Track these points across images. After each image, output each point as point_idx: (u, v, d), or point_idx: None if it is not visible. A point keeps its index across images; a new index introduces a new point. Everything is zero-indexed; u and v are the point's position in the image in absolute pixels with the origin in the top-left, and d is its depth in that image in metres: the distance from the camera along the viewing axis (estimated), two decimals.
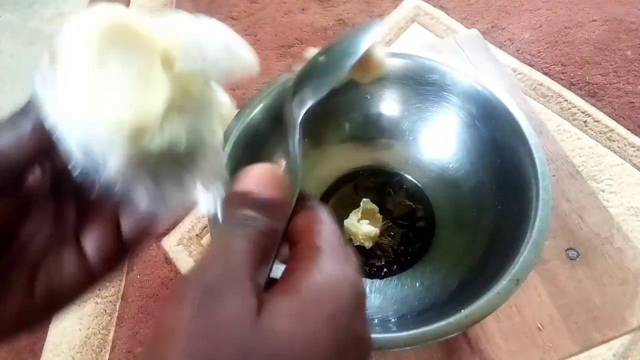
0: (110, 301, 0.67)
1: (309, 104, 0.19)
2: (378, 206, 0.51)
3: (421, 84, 0.50)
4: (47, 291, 0.17)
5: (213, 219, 0.39)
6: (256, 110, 0.47)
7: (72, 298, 0.18)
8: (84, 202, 0.18)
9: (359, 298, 0.16)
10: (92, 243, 0.18)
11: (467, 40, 0.64)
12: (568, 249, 0.48)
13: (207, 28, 0.16)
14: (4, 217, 0.16)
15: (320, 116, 0.53)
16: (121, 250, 0.19)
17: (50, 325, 0.65)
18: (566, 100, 0.83)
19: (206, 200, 0.18)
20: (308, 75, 0.21)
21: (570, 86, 0.84)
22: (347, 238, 0.50)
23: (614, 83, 0.84)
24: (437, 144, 0.53)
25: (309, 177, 0.54)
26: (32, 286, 0.17)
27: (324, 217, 0.18)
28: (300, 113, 0.19)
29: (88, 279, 0.18)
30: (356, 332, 0.15)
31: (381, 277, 0.48)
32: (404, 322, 0.41)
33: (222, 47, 0.16)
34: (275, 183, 0.17)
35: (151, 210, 0.17)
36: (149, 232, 0.20)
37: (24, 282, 0.17)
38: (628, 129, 0.78)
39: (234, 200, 0.17)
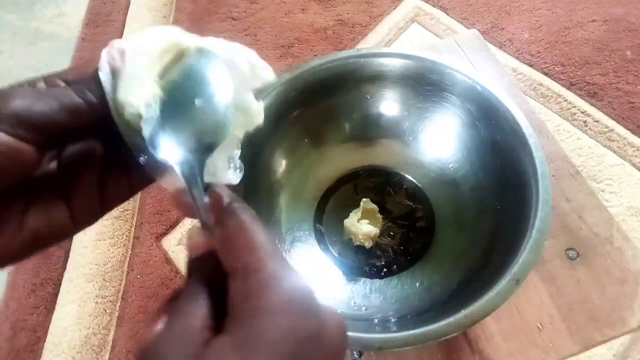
0: (110, 301, 0.67)
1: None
2: (378, 206, 0.51)
3: (421, 84, 0.50)
4: (33, 230, 0.19)
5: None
6: None
7: (54, 240, 0.20)
8: (74, 164, 0.21)
9: (304, 308, 0.16)
10: (77, 199, 0.20)
11: (467, 40, 0.64)
12: (568, 249, 0.48)
13: (236, 47, 0.20)
14: (33, 165, 0.18)
15: (321, 116, 0.53)
16: (102, 208, 0.21)
17: (50, 325, 0.65)
18: (566, 100, 0.83)
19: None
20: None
21: (570, 86, 0.84)
22: (347, 238, 0.50)
23: (614, 83, 0.84)
24: (437, 144, 0.53)
25: (310, 177, 0.54)
26: (22, 222, 0.19)
27: (236, 232, 0.18)
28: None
29: (69, 228, 0.21)
30: (313, 335, 0.16)
31: (381, 277, 0.48)
32: (404, 322, 0.41)
33: (246, 63, 0.20)
34: (206, 240, 0.19)
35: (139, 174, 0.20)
36: (128, 196, 0.22)
37: (17, 217, 0.19)
38: (628, 129, 0.79)
39: (195, 271, 0.19)
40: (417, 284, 0.46)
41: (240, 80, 0.20)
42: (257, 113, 0.21)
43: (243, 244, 0.17)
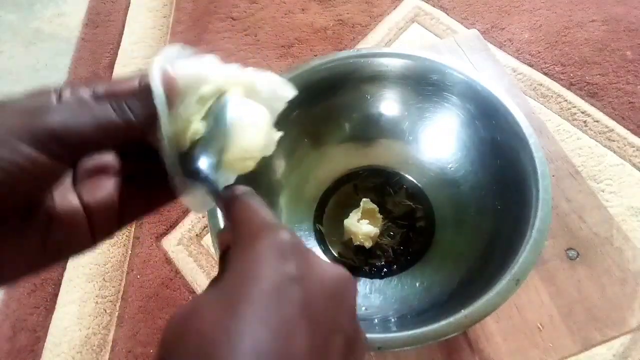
0: (110, 301, 0.67)
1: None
2: (378, 206, 0.51)
3: (421, 84, 0.50)
4: (57, 244, 0.19)
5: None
6: None
7: (74, 253, 0.20)
8: (93, 177, 0.21)
9: (291, 253, 0.17)
10: (96, 213, 0.20)
11: (467, 40, 0.64)
12: (568, 249, 0.48)
13: (259, 75, 0.22)
14: (57, 180, 0.18)
15: (320, 116, 0.53)
16: (119, 223, 0.21)
17: (50, 325, 0.65)
18: (566, 100, 0.83)
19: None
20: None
21: (570, 86, 0.84)
22: (347, 238, 0.50)
23: (614, 83, 0.84)
24: (437, 144, 0.53)
25: (309, 177, 0.54)
26: (46, 237, 0.19)
27: (240, 210, 0.19)
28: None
29: (89, 242, 0.20)
30: (298, 277, 0.16)
31: (381, 277, 0.48)
32: (404, 322, 0.41)
33: (268, 87, 0.22)
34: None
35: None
36: (145, 213, 0.22)
37: (41, 232, 0.19)
38: (628, 129, 0.78)
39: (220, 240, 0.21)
40: (417, 284, 0.46)
41: (265, 102, 0.22)
42: (273, 142, 0.23)
43: (245, 219, 0.19)
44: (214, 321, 0.14)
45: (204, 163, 0.20)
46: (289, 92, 0.23)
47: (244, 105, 0.21)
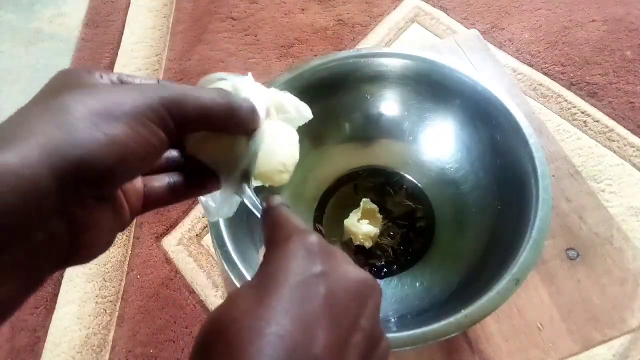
0: (110, 301, 0.67)
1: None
2: (378, 206, 0.51)
3: (421, 84, 0.50)
4: (113, 224, 0.20)
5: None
6: None
7: (120, 231, 0.21)
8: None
9: (316, 254, 0.18)
10: (130, 194, 0.21)
11: (466, 40, 0.64)
12: (568, 249, 0.48)
13: (283, 95, 0.24)
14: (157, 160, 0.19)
15: (320, 116, 0.52)
16: (144, 208, 0.22)
17: (50, 325, 0.65)
18: (566, 100, 0.83)
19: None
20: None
21: (570, 86, 0.84)
22: (347, 238, 0.50)
23: (614, 83, 0.84)
24: (437, 144, 0.53)
25: (309, 177, 0.54)
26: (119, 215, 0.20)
27: (274, 217, 0.21)
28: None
29: (128, 220, 0.21)
30: (320, 275, 0.17)
31: (381, 277, 0.48)
32: (404, 322, 0.41)
33: (293, 105, 0.24)
34: None
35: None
36: (164, 204, 0.23)
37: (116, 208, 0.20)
38: (628, 129, 0.79)
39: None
40: (417, 284, 0.46)
41: (289, 121, 0.24)
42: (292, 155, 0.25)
43: (278, 223, 0.21)
44: (246, 309, 0.16)
45: (248, 177, 0.22)
46: (309, 112, 0.25)
47: (275, 123, 0.23)
